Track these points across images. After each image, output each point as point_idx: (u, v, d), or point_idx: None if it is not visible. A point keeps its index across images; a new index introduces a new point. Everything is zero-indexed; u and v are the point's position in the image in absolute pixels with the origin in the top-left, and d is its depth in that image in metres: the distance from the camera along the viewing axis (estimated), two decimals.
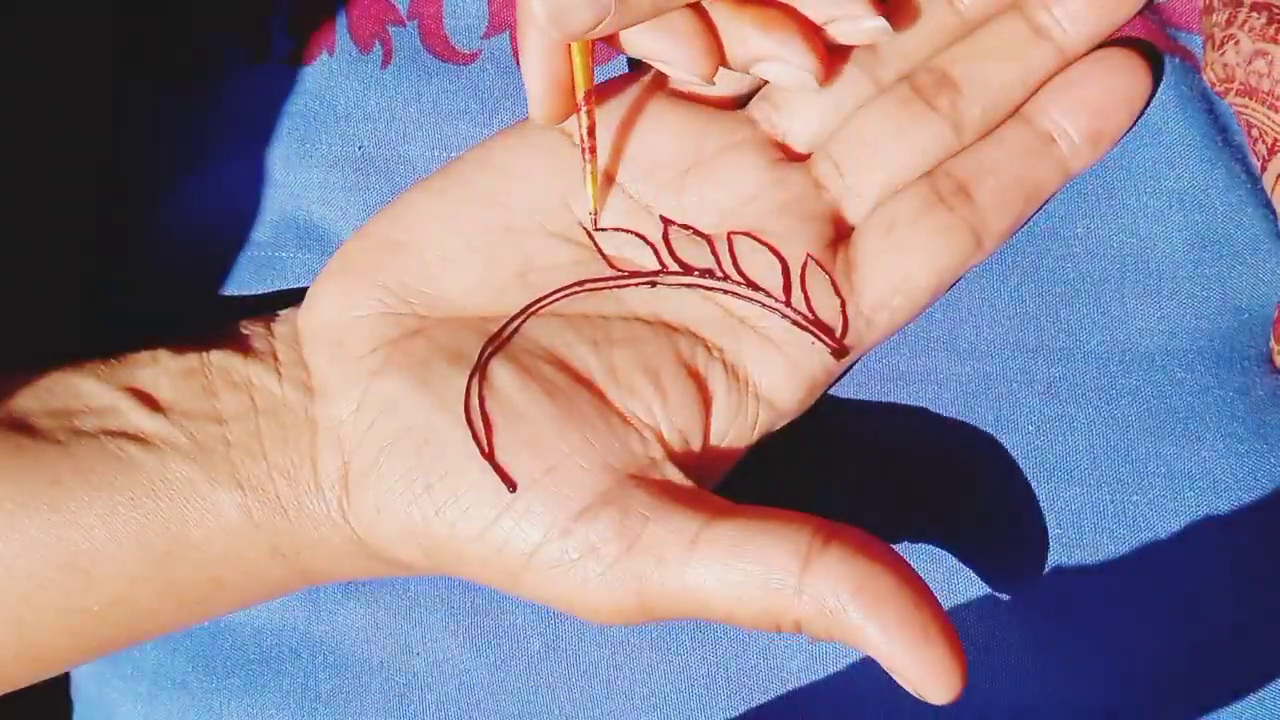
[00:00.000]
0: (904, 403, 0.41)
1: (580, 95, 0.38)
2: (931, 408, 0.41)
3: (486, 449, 0.37)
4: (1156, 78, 0.40)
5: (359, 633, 0.43)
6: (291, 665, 0.43)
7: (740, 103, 0.41)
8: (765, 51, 0.37)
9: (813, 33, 0.37)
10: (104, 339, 0.42)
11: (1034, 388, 0.41)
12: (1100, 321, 0.41)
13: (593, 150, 0.39)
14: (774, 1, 0.37)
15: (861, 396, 0.41)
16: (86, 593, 0.39)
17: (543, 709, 0.41)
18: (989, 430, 0.41)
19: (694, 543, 0.36)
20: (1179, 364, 0.40)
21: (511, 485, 0.37)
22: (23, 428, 0.39)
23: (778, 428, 0.40)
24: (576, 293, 0.40)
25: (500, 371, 0.38)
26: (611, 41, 0.37)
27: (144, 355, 0.40)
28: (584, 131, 0.39)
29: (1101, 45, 0.40)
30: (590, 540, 0.36)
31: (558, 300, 0.40)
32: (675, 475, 0.38)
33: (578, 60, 0.38)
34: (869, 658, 0.35)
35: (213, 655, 0.44)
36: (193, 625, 0.42)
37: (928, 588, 0.35)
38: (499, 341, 0.39)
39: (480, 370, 0.38)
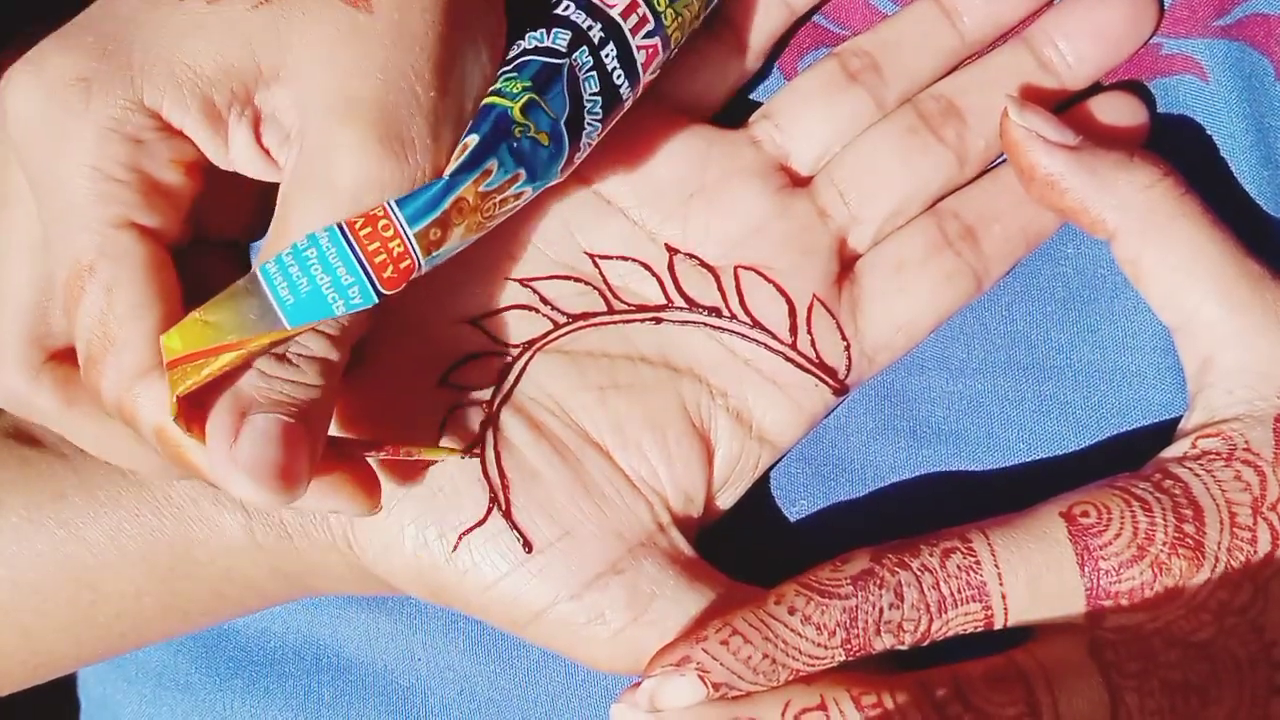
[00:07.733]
0: (896, 420, 0.41)
1: (364, 454, 0.36)
2: (923, 426, 0.41)
3: (505, 508, 0.38)
4: (1151, 110, 0.41)
5: (361, 636, 0.43)
6: (294, 667, 0.43)
7: (715, 111, 0.41)
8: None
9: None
10: None
11: (1025, 406, 0.41)
12: (1090, 340, 0.41)
13: (407, 472, 0.37)
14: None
15: (853, 415, 0.41)
16: (92, 606, 0.39)
17: (543, 717, 0.42)
18: (980, 448, 0.41)
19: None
20: (1170, 383, 0.41)
21: (528, 546, 0.37)
22: (25, 438, 0.40)
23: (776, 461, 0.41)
24: (581, 328, 0.40)
25: (511, 424, 0.39)
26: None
27: None
28: (384, 457, 0.36)
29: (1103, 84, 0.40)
30: (599, 607, 0.37)
31: (561, 337, 0.40)
32: (680, 542, 0.39)
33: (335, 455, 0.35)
34: None
35: (216, 657, 0.44)
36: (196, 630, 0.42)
37: None
38: (508, 388, 0.39)
39: (493, 421, 0.39)
